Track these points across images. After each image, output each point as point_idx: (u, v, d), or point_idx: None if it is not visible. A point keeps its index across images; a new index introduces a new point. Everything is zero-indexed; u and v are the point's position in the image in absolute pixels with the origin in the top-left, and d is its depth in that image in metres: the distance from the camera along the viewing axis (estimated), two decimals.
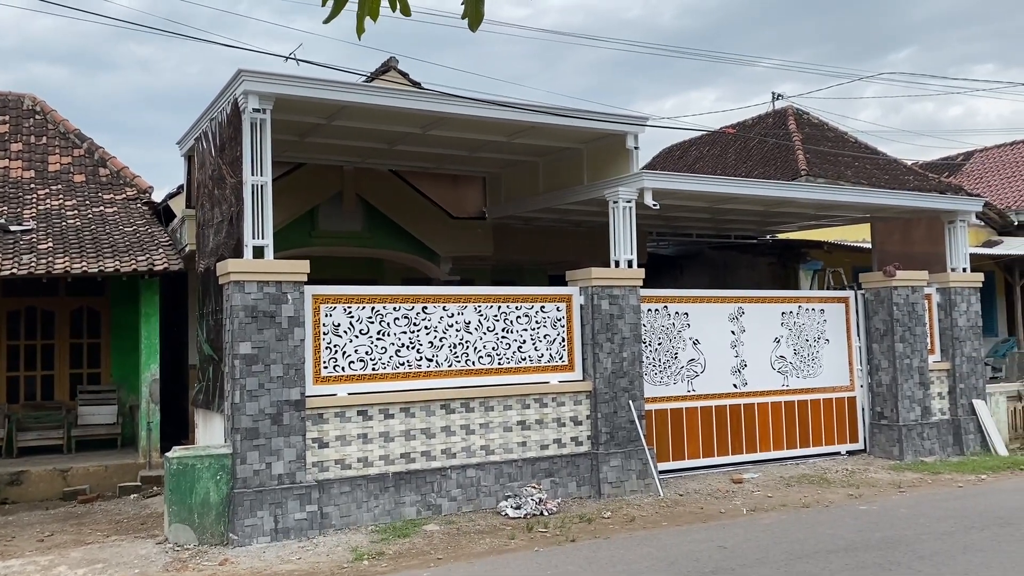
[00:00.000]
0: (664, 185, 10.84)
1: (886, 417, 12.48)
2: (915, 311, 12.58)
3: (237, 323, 8.26)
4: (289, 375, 8.41)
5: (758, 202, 12.57)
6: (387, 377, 9.12)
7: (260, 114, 8.50)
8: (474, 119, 9.80)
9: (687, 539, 7.96)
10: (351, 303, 9.01)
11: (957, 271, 13.20)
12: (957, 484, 10.53)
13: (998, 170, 27.50)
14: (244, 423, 8.18)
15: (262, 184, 8.51)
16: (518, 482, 9.58)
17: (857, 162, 20.50)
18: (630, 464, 10.22)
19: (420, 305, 9.39)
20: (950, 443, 12.73)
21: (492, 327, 9.81)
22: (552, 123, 10.17)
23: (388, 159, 12.49)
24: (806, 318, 12.51)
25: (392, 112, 9.48)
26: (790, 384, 12.25)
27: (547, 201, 12.52)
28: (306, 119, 9.97)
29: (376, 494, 8.80)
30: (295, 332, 8.47)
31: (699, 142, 24.84)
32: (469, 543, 8.02)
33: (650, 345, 11.18)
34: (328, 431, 8.70)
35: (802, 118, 22.34)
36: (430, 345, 9.40)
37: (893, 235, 14.58)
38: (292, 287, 8.49)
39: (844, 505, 9.40)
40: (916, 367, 12.49)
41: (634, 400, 10.39)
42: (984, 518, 8.50)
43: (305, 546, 7.99)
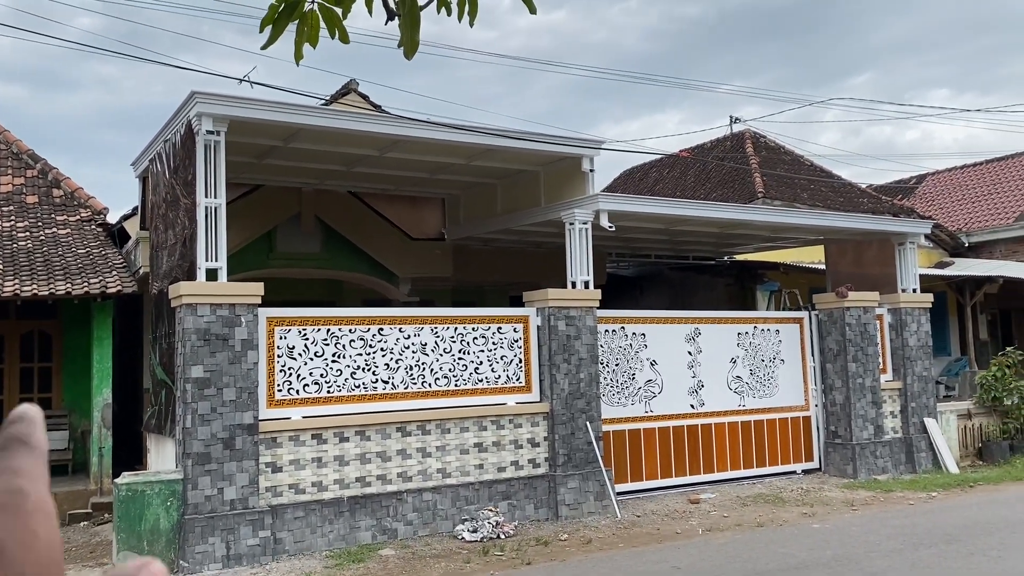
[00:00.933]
0: (620, 207, 10.96)
1: (840, 436, 12.66)
2: (867, 331, 12.81)
3: (189, 346, 8.17)
4: (242, 399, 8.33)
5: (714, 224, 12.76)
6: (342, 400, 9.07)
7: (214, 136, 8.47)
8: (432, 142, 9.85)
9: (643, 560, 7.99)
10: (306, 325, 8.96)
11: (908, 292, 13.48)
12: (908, 502, 10.70)
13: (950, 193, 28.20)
14: (195, 448, 8.07)
15: (216, 206, 8.46)
16: (475, 505, 9.55)
17: (813, 185, 20.91)
18: (588, 486, 10.24)
19: (376, 327, 9.36)
20: (902, 461, 12.94)
21: (449, 348, 9.81)
22: (509, 146, 10.26)
23: (347, 180, 12.49)
24: (762, 338, 12.68)
25: (349, 135, 9.50)
26: (746, 404, 12.38)
27: (505, 222, 12.59)
28: (262, 141, 9.95)
29: (331, 519, 8.71)
30: (248, 355, 8.40)
31: (659, 164, 25.16)
32: (424, 567, 7.97)
33: (607, 366, 11.24)
34: (282, 455, 8.61)
35: (759, 141, 22.76)
36: (386, 367, 9.36)
37: (846, 256, 14.87)
38: (246, 309, 8.43)
39: (798, 524, 9.50)
40: (869, 386, 12.71)
41: (591, 421, 10.43)
42: (932, 535, 8.65)
43: (258, 572, 7.88)
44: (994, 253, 23.93)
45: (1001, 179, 27.04)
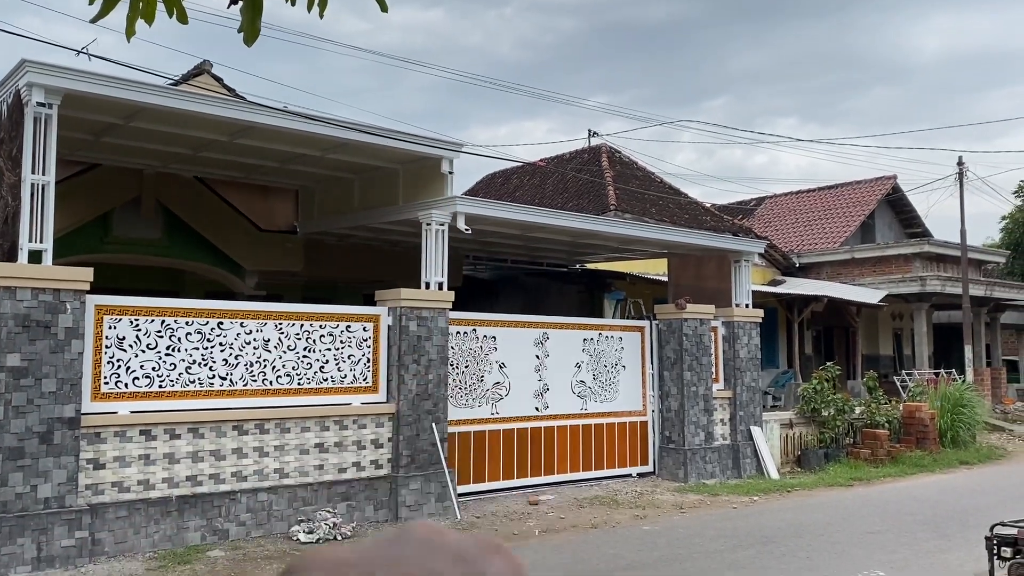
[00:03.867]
0: (477, 211, 11.05)
1: (674, 441, 13.27)
2: (702, 342, 13.50)
3: (5, 333, 7.57)
4: (63, 390, 7.80)
5: (566, 233, 13.08)
6: (175, 395, 8.66)
7: (45, 109, 7.90)
8: (283, 131, 9.58)
9: None
10: (139, 315, 8.50)
11: (741, 307, 14.30)
12: (732, 505, 11.34)
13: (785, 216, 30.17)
14: (7, 442, 7.49)
15: (44, 184, 7.89)
16: (313, 506, 9.35)
17: (661, 201, 21.84)
18: (429, 487, 10.24)
19: (215, 320, 9.00)
20: (729, 466, 13.70)
21: (293, 346, 9.57)
22: (365, 141, 10.13)
23: (193, 165, 11.95)
24: (606, 345, 13.11)
25: (196, 117, 9.09)
26: (588, 408, 12.76)
27: (362, 219, 12.43)
28: (101, 118, 9.37)
29: (157, 519, 8.30)
30: (72, 344, 7.88)
31: (520, 171, 25.55)
32: (254, 569, 7.73)
33: (457, 368, 11.30)
34: (106, 451, 8.12)
35: (614, 156, 23.55)
36: (224, 363, 9.02)
37: (688, 270, 15.61)
38: (71, 296, 7.90)
39: (630, 526, 9.88)
40: (702, 394, 13.39)
41: (437, 423, 10.44)
42: (751, 537, 9.21)
43: (72, 575, 7.39)
44: (821, 274, 25.78)
45: (831, 206, 29.18)
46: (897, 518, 10.33)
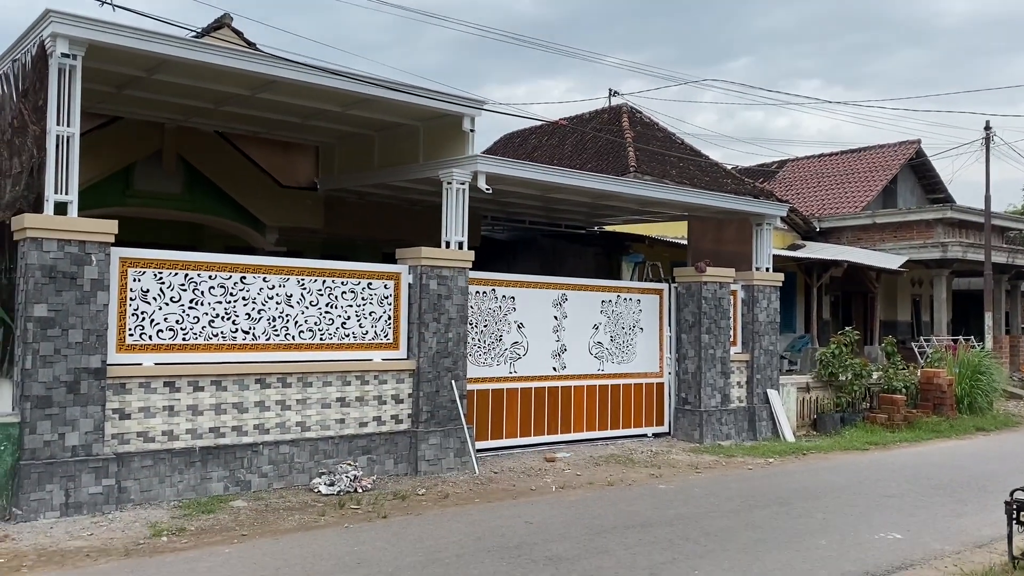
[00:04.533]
0: (498, 170, 10.99)
1: (690, 403, 13.31)
2: (721, 305, 13.46)
3: (33, 283, 7.65)
4: (89, 341, 7.89)
5: (586, 194, 13.01)
6: (198, 348, 8.75)
7: (70, 60, 7.88)
8: (305, 85, 9.52)
9: (496, 515, 8.18)
10: (162, 268, 8.56)
11: (761, 270, 14.23)
12: (748, 467, 11.40)
13: (806, 180, 29.87)
14: (36, 390, 7.60)
15: (68, 135, 7.91)
16: (334, 459, 9.48)
17: (682, 163, 21.64)
18: (448, 443, 10.35)
19: (238, 275, 9.05)
20: (745, 429, 13.75)
21: (315, 301, 9.62)
22: (387, 97, 10.05)
23: (214, 120, 11.92)
24: (624, 307, 13.10)
25: (218, 71, 9.05)
26: (605, 369, 12.81)
27: (382, 177, 12.40)
28: (124, 70, 9.34)
29: (181, 469, 8.44)
30: (98, 296, 7.95)
31: (539, 131, 25.36)
32: (277, 519, 7.87)
33: (476, 327, 11.34)
34: (131, 402, 8.24)
35: (635, 117, 23.29)
36: (247, 317, 9.09)
37: (707, 233, 15.51)
38: (97, 248, 7.96)
39: (645, 484, 9.96)
40: (719, 357, 13.39)
41: (457, 380, 10.51)
42: (767, 498, 9.27)
43: (99, 522, 7.55)
44: (841, 239, 25.58)
45: (853, 170, 28.84)
46: (914, 482, 10.35)
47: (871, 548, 7.26)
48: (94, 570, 6.23)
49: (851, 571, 6.57)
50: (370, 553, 6.75)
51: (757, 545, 7.25)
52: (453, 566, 6.42)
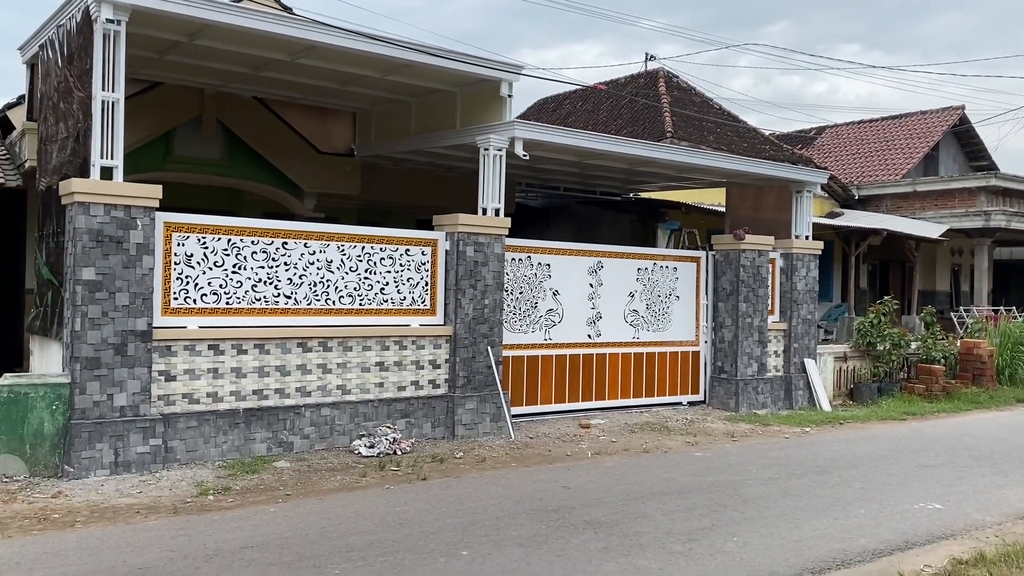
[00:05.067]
0: (535, 136, 10.93)
1: (726, 372, 13.28)
2: (759, 274, 13.35)
3: (80, 247, 7.80)
4: (136, 304, 8.04)
5: (624, 160, 12.91)
6: (242, 312, 8.88)
7: (114, 25, 7.94)
8: (345, 51, 9.51)
9: (533, 480, 8.27)
10: (206, 233, 8.67)
11: (800, 238, 14.06)
12: (784, 436, 11.38)
13: (845, 146, 29.35)
14: (84, 352, 7.78)
15: (114, 101, 7.99)
16: (373, 422, 9.62)
17: (719, 128, 21.35)
18: (485, 408, 10.44)
19: (280, 240, 9.14)
20: (781, 398, 13.70)
21: (355, 267, 9.70)
22: (426, 62, 10.02)
23: (253, 85, 11.97)
24: (660, 275, 13.05)
25: (258, 36, 9.06)
26: (640, 337, 12.79)
27: (418, 143, 12.40)
28: (166, 35, 9.39)
29: (225, 430, 8.61)
30: (144, 260, 8.09)
31: (572, 96, 25.13)
32: (320, 480, 8.02)
33: (512, 294, 11.38)
34: (176, 364, 8.41)
35: (671, 81, 22.99)
36: (289, 282, 9.20)
37: (746, 201, 15.34)
38: (142, 212, 8.08)
39: (681, 451, 9.99)
40: (756, 326, 13.31)
41: (493, 346, 10.57)
42: (804, 467, 9.26)
43: (147, 480, 7.75)
44: (880, 207, 25.17)
45: (893, 137, 28.27)
46: (953, 453, 10.27)
47: (910, 517, 7.24)
48: (144, 526, 6.41)
49: (890, 540, 6.56)
50: (411, 514, 6.87)
51: (795, 512, 7.27)
52: (493, 528, 6.51)
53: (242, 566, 5.51)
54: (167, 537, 6.12)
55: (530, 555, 5.89)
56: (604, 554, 5.97)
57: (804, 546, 6.32)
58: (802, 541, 6.45)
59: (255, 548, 5.89)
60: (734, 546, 6.26)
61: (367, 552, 5.84)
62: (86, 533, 6.21)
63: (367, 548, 5.93)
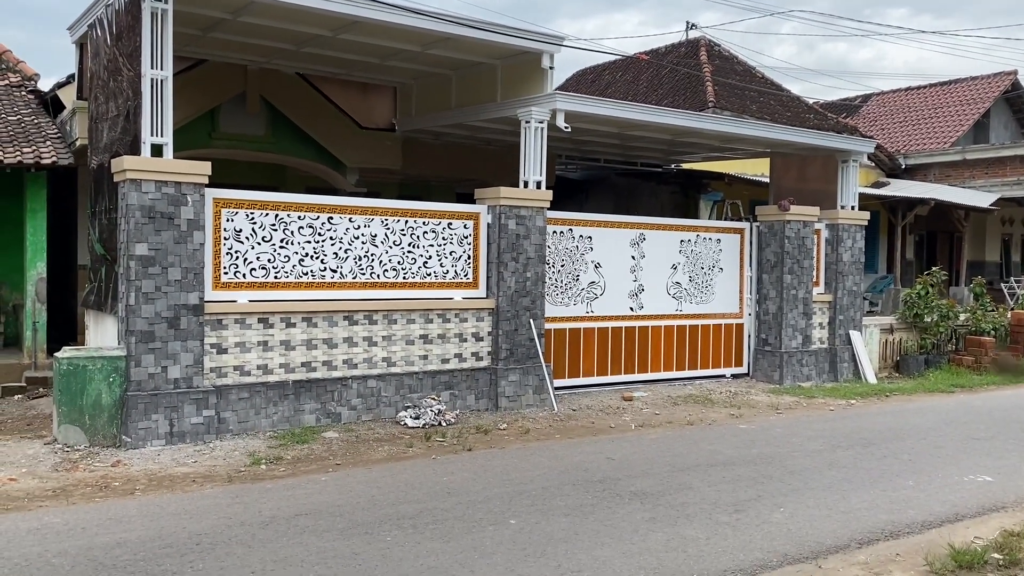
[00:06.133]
0: (577, 108, 10.88)
1: (770, 344, 13.18)
2: (804, 245, 13.19)
3: (133, 223, 7.98)
4: (187, 279, 8.22)
5: (666, 131, 12.79)
6: (289, 286, 9.03)
7: (161, 3, 8.06)
8: (387, 25, 9.53)
9: (578, 451, 8.33)
10: (254, 208, 8.80)
11: (846, 209, 13.85)
12: (829, 408, 11.30)
13: (892, 114, 28.68)
14: (139, 325, 7.99)
15: (162, 79, 8.13)
16: (418, 394, 9.75)
17: (762, 97, 21.00)
18: (527, 380, 10.51)
19: (326, 215, 9.26)
20: (826, 370, 13.58)
21: (398, 241, 9.79)
22: (467, 35, 10.01)
23: (295, 61, 12.06)
24: (703, 247, 12.96)
25: (301, 11, 9.12)
26: (683, 309, 12.75)
27: (459, 117, 12.41)
28: (211, 13, 9.50)
29: (275, 401, 8.80)
30: (194, 235, 8.25)
31: (612, 67, 24.87)
32: (368, 450, 8.17)
33: (553, 266, 11.40)
34: (227, 337, 8.59)
35: (713, 50, 22.62)
36: (335, 256, 9.32)
37: (790, 171, 15.12)
38: (192, 189, 8.23)
39: (725, 424, 9.98)
40: (801, 298, 13.18)
41: (535, 319, 10.62)
42: (850, 439, 9.20)
43: (201, 450, 7.97)
44: (928, 176, 24.60)
45: (942, 104, 27.56)
46: (1004, 425, 10.12)
47: (960, 490, 7.17)
48: (201, 494, 6.61)
49: (940, 512, 6.52)
50: (459, 484, 6.98)
51: (842, 484, 7.24)
52: (540, 498, 6.60)
53: (296, 533, 5.66)
54: (223, 505, 6.30)
55: (577, 524, 5.96)
56: (651, 524, 6.02)
57: (852, 517, 6.31)
58: (849, 512, 6.43)
59: (309, 515, 6.04)
60: (781, 516, 6.27)
61: (417, 520, 5.96)
62: (145, 500, 6.41)
63: (417, 516, 6.05)
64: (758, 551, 5.53)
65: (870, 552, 5.62)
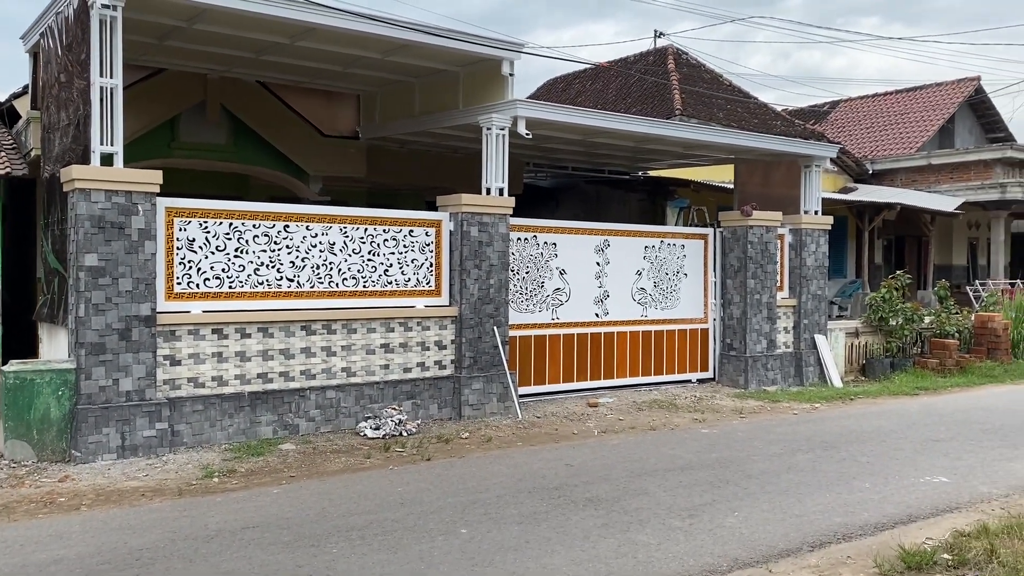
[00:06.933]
0: (538, 115, 10.87)
1: (735, 348, 13.21)
2: (768, 250, 13.24)
3: (82, 233, 7.84)
4: (139, 290, 8.09)
5: (629, 137, 12.81)
6: (244, 296, 8.91)
7: (110, 11, 7.95)
8: (344, 32, 9.47)
9: (538, 458, 8.27)
10: (207, 217, 8.69)
11: (810, 214, 13.93)
12: (793, 412, 11.32)
13: (860, 121, 29.00)
14: (89, 338, 7.85)
15: (112, 87, 8.01)
16: (379, 404, 9.65)
17: (729, 105, 21.14)
18: (491, 388, 10.45)
19: (282, 223, 9.16)
20: (791, 374, 13.62)
21: (358, 249, 9.70)
22: (426, 42, 9.97)
23: (255, 69, 11.95)
24: (667, 253, 12.97)
25: (255, 19, 9.03)
26: (649, 315, 12.75)
27: (422, 124, 12.35)
28: (164, 20, 9.39)
29: (231, 413, 8.67)
30: (146, 245, 8.13)
31: (582, 76, 24.95)
32: (324, 461, 8.07)
33: (518, 273, 11.35)
34: (181, 348, 8.46)
35: (681, 58, 22.76)
36: (292, 265, 9.22)
37: (755, 177, 15.20)
38: (143, 198, 8.10)
39: (688, 428, 9.97)
40: (765, 302, 13.22)
41: (499, 326, 10.57)
42: (810, 442, 9.21)
43: (154, 463, 7.83)
44: (895, 181, 24.88)
45: (908, 110, 27.90)
46: (963, 427, 10.18)
47: (916, 491, 7.19)
48: (148, 508, 6.48)
49: (894, 514, 6.52)
50: (413, 493, 6.90)
51: (798, 488, 7.23)
52: (493, 506, 6.53)
53: (241, 546, 5.56)
54: (170, 519, 6.18)
55: (528, 532, 5.90)
56: (603, 530, 5.97)
57: (805, 520, 6.29)
58: (804, 516, 6.42)
59: (256, 528, 5.93)
60: (734, 521, 6.24)
61: (366, 531, 5.87)
62: (90, 516, 6.28)
63: (366, 527, 5.96)
64: (709, 556, 5.50)
65: (821, 555, 5.61)
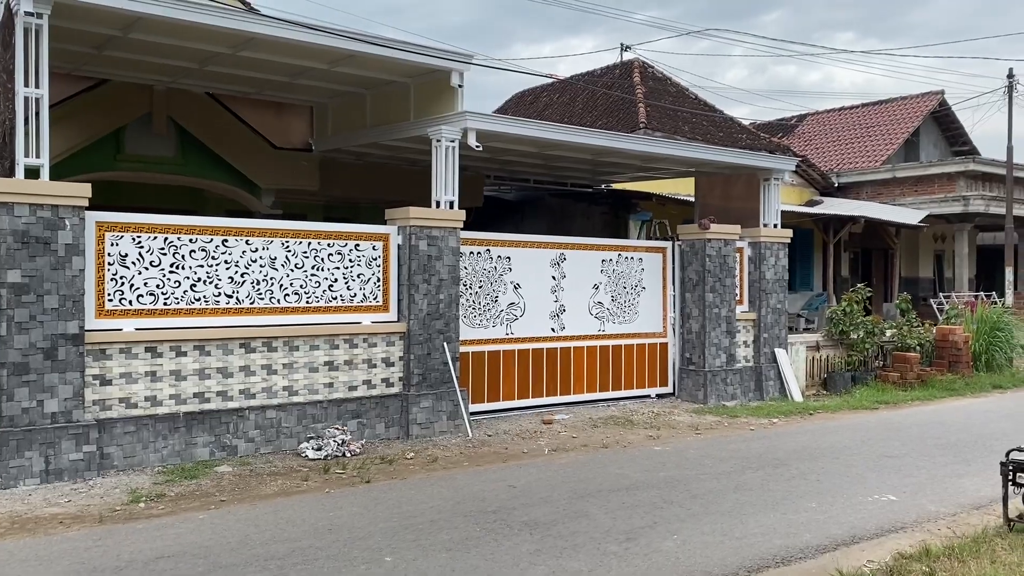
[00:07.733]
0: (488, 127, 10.68)
1: (694, 363, 13.05)
2: (726, 263, 13.12)
3: (5, 249, 7.53)
4: (66, 307, 7.78)
5: (585, 150, 12.66)
6: (180, 313, 8.63)
7: (35, 19, 7.67)
8: (285, 41, 9.24)
9: (481, 479, 8.04)
10: (140, 232, 8.41)
11: (769, 227, 13.84)
12: (750, 427, 11.16)
13: (826, 134, 29.14)
14: (12, 357, 7.53)
15: (37, 97, 7.72)
16: (323, 424, 9.38)
17: (695, 118, 21.11)
18: (441, 406, 10.20)
19: (220, 237, 8.89)
20: (752, 389, 13.48)
21: (301, 264, 9.45)
22: (371, 52, 9.77)
23: (202, 80, 11.69)
24: (625, 266, 12.82)
25: (194, 28, 8.80)
26: (606, 329, 12.57)
27: (373, 136, 12.14)
28: (98, 29, 9.12)
29: (164, 434, 8.37)
30: (73, 261, 7.82)
31: (550, 89, 24.88)
32: (259, 485, 7.78)
33: (471, 288, 11.14)
34: (112, 368, 8.15)
35: (647, 72, 22.74)
36: (230, 281, 8.94)
37: (715, 190, 15.12)
38: (70, 212, 7.81)
39: (641, 446, 9.77)
40: (724, 316, 13.09)
41: (449, 342, 10.34)
42: (762, 459, 9.04)
43: (79, 488, 7.50)
44: (861, 194, 24.98)
45: (874, 123, 28.07)
46: (919, 442, 10.07)
47: (862, 510, 7.03)
48: (62, 537, 6.17)
49: (837, 535, 6.35)
50: (344, 519, 6.64)
51: (743, 508, 7.05)
52: (425, 532, 6.28)
53: None
54: (81, 549, 5.88)
55: (456, 560, 5.66)
56: (535, 556, 5.74)
57: (745, 543, 6.10)
58: (744, 538, 6.23)
59: (170, 558, 5.65)
60: (672, 545, 6.03)
61: (285, 561, 5.60)
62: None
63: (287, 556, 5.69)
64: None
65: None
